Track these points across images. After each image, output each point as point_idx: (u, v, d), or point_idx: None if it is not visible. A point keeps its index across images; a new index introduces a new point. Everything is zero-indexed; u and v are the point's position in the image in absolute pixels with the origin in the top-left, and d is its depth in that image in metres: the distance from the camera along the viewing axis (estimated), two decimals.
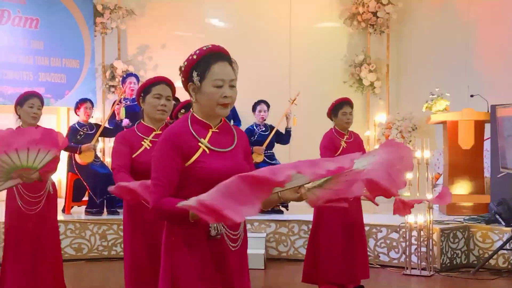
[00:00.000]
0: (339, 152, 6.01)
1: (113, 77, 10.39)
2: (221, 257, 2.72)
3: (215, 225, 2.68)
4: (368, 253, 7.44)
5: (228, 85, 2.74)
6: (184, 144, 2.69)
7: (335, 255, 6.01)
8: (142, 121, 4.34)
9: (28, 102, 5.16)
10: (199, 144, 2.72)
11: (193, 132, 2.73)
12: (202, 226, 2.65)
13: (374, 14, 10.28)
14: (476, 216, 8.11)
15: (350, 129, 6.25)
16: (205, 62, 2.74)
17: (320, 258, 6.06)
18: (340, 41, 10.74)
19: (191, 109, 2.84)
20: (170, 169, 2.67)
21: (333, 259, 5.99)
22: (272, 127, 8.67)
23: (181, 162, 2.68)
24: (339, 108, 6.06)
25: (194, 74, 2.73)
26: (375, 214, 7.92)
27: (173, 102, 4.33)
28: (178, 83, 3.27)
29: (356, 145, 6.17)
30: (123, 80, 8.96)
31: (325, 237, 6.05)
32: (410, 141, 9.98)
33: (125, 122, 8.40)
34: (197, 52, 2.76)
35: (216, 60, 2.75)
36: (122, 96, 8.54)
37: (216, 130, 2.80)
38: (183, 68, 2.79)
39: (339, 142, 6.03)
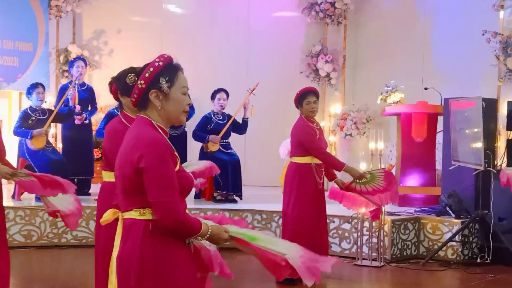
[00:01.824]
0: (317, 136, 6.08)
1: (67, 62, 10.21)
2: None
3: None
4: None
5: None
6: (171, 152, 2.68)
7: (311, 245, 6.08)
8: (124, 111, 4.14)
9: None
10: (175, 153, 2.72)
11: (168, 141, 2.71)
12: None
13: (332, 4, 10.31)
14: (427, 208, 8.22)
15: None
16: (172, 69, 2.74)
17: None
18: (298, 31, 10.74)
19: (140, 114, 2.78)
20: (174, 177, 2.66)
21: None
22: (229, 116, 8.63)
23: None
24: (304, 97, 6.14)
25: (163, 80, 2.70)
26: (328, 205, 7.96)
27: None
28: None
29: (322, 133, 6.28)
30: (71, 64, 8.83)
31: (304, 228, 6.10)
32: (364, 132, 10.06)
33: (77, 108, 8.28)
34: (161, 59, 2.73)
35: (180, 68, 2.78)
36: (77, 82, 8.42)
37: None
38: (147, 75, 2.71)
39: (313, 128, 6.12)
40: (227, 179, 8.24)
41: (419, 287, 6.47)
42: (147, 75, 2.71)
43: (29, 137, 7.84)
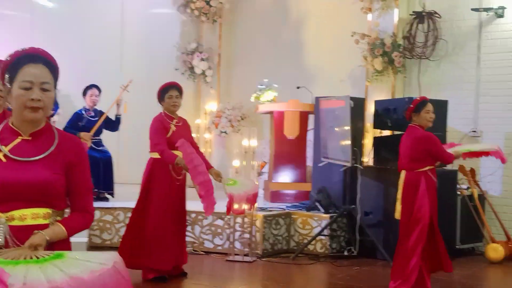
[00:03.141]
0: (169, 134, 6.07)
1: None
2: None
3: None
4: (193, 240, 7.52)
5: (39, 88, 2.56)
6: None
7: (163, 242, 6.04)
8: None
9: None
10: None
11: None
12: None
13: (207, 2, 10.31)
14: (297, 204, 8.43)
15: (180, 115, 6.34)
16: (17, 63, 2.57)
17: (146, 245, 6.04)
18: (174, 28, 10.66)
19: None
20: None
21: (161, 247, 6.02)
22: (101, 113, 8.45)
23: None
24: (165, 91, 6.19)
25: (6, 76, 2.58)
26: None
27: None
28: None
29: (185, 130, 6.26)
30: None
31: (152, 225, 6.05)
32: (239, 130, 10.15)
33: None
34: (12, 54, 2.59)
35: (29, 62, 2.57)
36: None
37: (28, 138, 2.62)
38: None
39: (169, 124, 6.12)
40: (98, 177, 8.07)
41: (289, 281, 6.61)
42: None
43: None
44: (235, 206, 6.54)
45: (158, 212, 6.07)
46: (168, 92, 6.24)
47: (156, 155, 6.12)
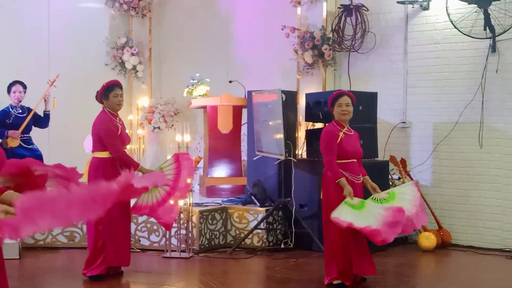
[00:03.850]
0: (119, 132, 6.03)
1: None
2: None
3: None
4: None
5: None
6: None
7: (120, 240, 6.14)
8: None
9: None
10: None
11: None
12: None
13: None
14: (233, 198, 8.45)
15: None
16: None
17: (107, 243, 6.11)
18: (102, 23, 10.47)
19: None
20: None
21: (118, 243, 6.12)
22: (29, 110, 8.26)
23: None
24: (110, 90, 6.18)
25: None
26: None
27: None
28: None
29: (124, 128, 6.28)
30: None
31: (109, 223, 6.02)
32: (172, 125, 10.10)
33: None
34: None
35: None
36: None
37: None
38: None
39: (116, 124, 6.09)
40: None
41: (227, 275, 6.63)
42: None
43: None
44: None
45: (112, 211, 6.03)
46: (114, 90, 6.16)
47: (101, 155, 6.06)
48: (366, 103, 7.78)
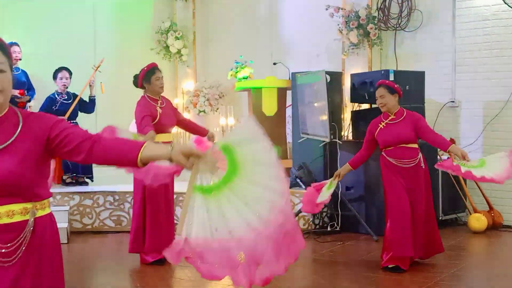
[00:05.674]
0: (157, 118, 5.99)
1: None
2: None
3: None
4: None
5: None
6: None
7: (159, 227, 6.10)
8: None
9: None
10: None
11: None
12: None
13: None
14: None
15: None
16: None
17: (148, 230, 6.06)
18: (146, 7, 10.50)
19: None
20: None
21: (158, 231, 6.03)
22: (75, 96, 8.34)
23: None
24: (152, 73, 6.09)
25: None
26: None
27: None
28: None
29: (170, 111, 6.18)
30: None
31: (152, 211, 6.04)
32: (217, 108, 10.07)
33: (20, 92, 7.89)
34: None
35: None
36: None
37: None
38: None
39: (155, 108, 6.03)
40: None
41: None
42: None
43: None
44: None
45: (156, 200, 6.03)
46: (155, 73, 6.12)
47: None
48: (413, 83, 7.62)
